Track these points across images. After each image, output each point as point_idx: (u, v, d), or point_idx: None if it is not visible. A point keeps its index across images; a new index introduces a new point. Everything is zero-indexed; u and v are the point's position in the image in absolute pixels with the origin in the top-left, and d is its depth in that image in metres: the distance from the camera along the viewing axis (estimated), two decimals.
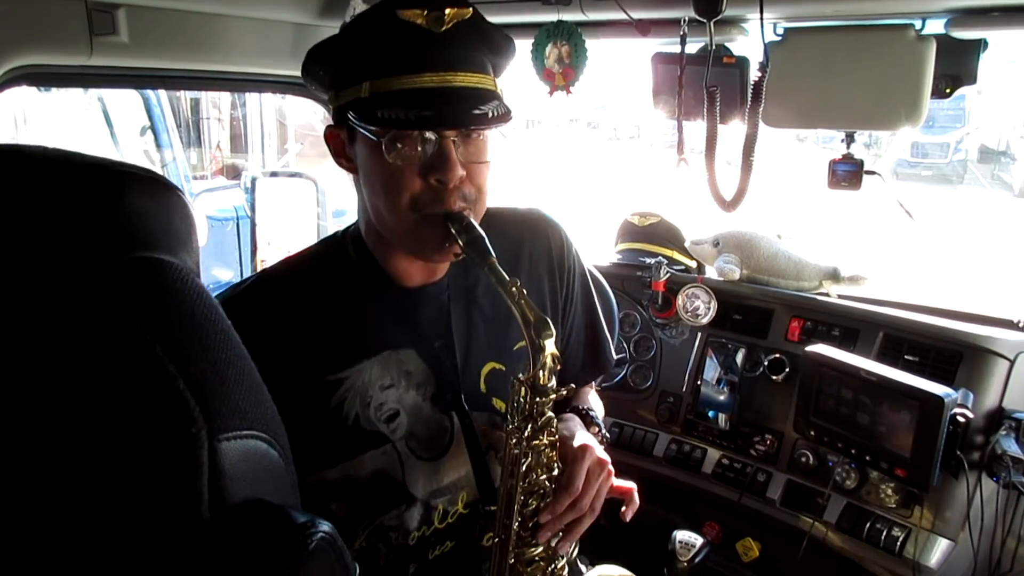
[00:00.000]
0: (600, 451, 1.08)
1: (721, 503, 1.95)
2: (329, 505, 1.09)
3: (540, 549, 1.05)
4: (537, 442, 1.01)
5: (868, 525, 1.67)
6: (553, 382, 1.00)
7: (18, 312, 0.49)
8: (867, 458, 1.61)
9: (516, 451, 1.00)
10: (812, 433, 1.71)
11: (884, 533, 1.65)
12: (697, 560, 1.64)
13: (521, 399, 1.00)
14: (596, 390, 1.42)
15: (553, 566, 1.09)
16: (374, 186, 1.02)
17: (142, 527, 0.48)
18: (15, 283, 0.50)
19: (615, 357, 1.39)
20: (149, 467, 0.48)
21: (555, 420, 1.03)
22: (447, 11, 0.95)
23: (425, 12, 0.95)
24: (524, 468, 1.00)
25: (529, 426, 1.00)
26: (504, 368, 1.15)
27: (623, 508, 1.13)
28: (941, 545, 1.61)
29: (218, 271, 4.36)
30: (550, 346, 0.97)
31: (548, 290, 1.23)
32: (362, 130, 0.98)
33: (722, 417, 1.99)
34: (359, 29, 1.00)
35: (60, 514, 0.48)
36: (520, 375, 1.01)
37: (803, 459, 1.81)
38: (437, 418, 1.11)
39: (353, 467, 1.07)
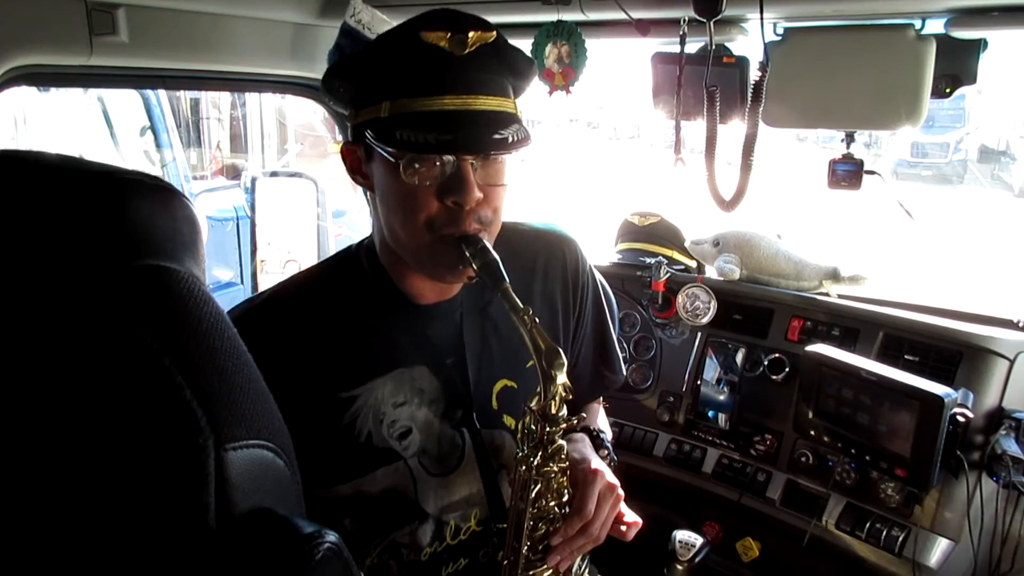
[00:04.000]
0: (610, 476, 1.08)
1: (721, 503, 1.95)
2: (342, 520, 1.09)
3: (549, 572, 1.05)
4: (547, 469, 1.01)
5: (868, 525, 1.67)
6: (564, 411, 1.00)
7: (25, 320, 0.49)
8: (867, 458, 1.61)
9: (525, 477, 1.00)
10: (812, 433, 1.71)
11: (884, 533, 1.65)
12: (697, 560, 1.64)
13: (532, 426, 1.01)
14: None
15: None
16: (390, 205, 1.01)
17: (149, 536, 0.48)
18: (21, 290, 0.50)
19: (624, 371, 1.40)
20: (156, 476, 0.48)
21: (565, 448, 1.03)
22: (471, 34, 0.95)
23: (449, 35, 0.94)
24: (533, 494, 1.00)
25: (539, 454, 1.00)
26: (516, 386, 1.15)
27: (624, 528, 1.12)
28: (941, 545, 1.61)
29: (218, 271, 4.37)
30: (561, 376, 0.97)
31: (561, 306, 1.23)
32: (380, 150, 0.98)
33: (722, 417, 1.99)
34: (382, 48, 0.99)
35: (66, 522, 0.48)
36: (531, 403, 1.01)
37: (803, 459, 1.81)
38: (449, 435, 1.10)
39: (365, 483, 1.07)
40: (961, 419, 1.51)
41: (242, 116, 6.23)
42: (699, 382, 2.05)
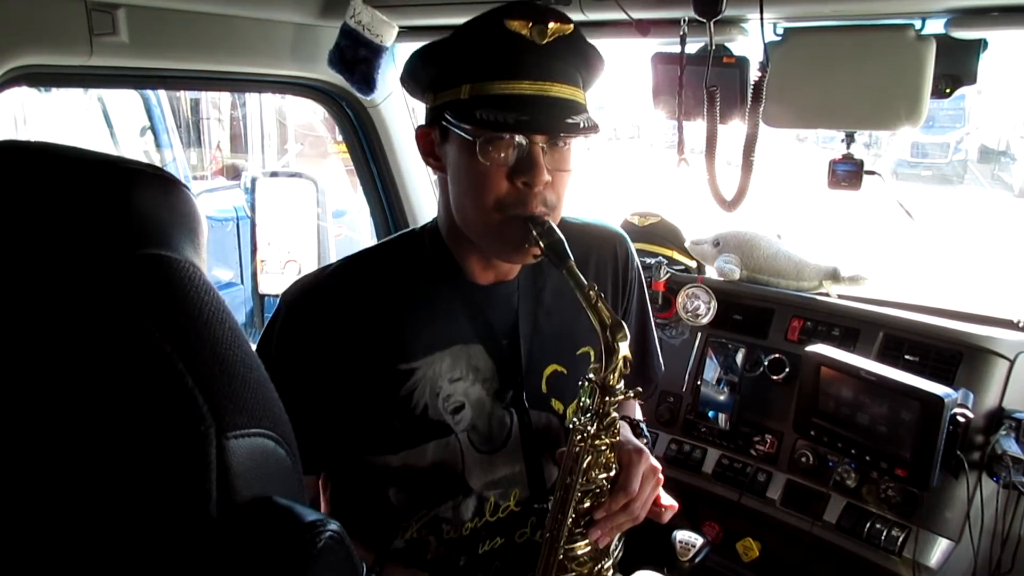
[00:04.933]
0: (652, 459, 1.11)
1: (721, 503, 1.95)
2: (387, 491, 1.13)
3: (588, 548, 1.07)
4: (599, 442, 1.04)
5: (868, 525, 1.67)
6: (622, 384, 1.03)
7: (26, 308, 0.49)
8: (867, 458, 1.61)
9: (578, 449, 1.03)
10: (812, 433, 1.71)
11: (884, 533, 1.65)
12: (697, 560, 1.63)
13: (588, 398, 1.04)
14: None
15: (600, 565, 1.10)
16: (462, 184, 1.06)
17: (150, 524, 0.48)
18: (23, 279, 0.50)
19: (663, 369, 1.44)
20: (157, 465, 0.48)
21: (618, 422, 1.06)
22: (551, 25, 1.00)
23: (531, 24, 0.99)
24: (585, 465, 1.03)
25: (595, 424, 1.03)
26: (566, 371, 1.19)
27: (661, 510, 1.15)
28: (941, 545, 1.61)
29: (218, 271, 4.37)
30: (624, 348, 1.00)
31: (610, 300, 1.26)
32: (457, 130, 1.02)
33: (722, 417, 1.99)
34: (466, 34, 1.04)
35: (67, 511, 0.48)
36: (591, 375, 1.04)
37: (803, 459, 1.81)
38: (499, 413, 1.15)
39: (415, 456, 1.11)
40: (961, 419, 1.51)
41: (242, 116, 6.23)
42: (699, 382, 2.05)
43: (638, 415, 1.39)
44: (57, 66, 1.44)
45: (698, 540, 1.65)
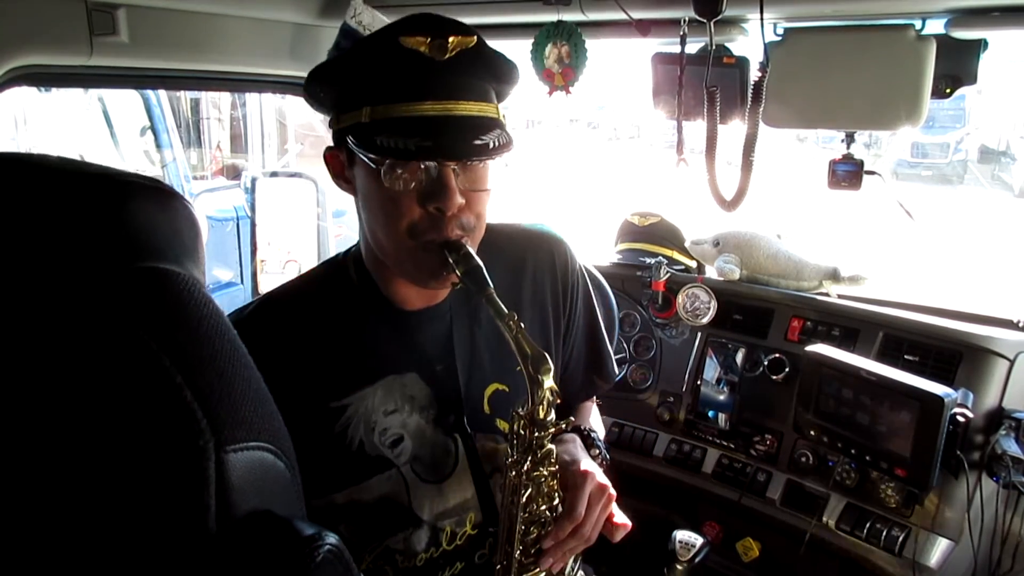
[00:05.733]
0: (601, 476, 1.08)
1: (721, 503, 1.95)
2: (338, 527, 1.07)
3: (543, 575, 1.05)
4: (537, 474, 1.01)
5: (868, 525, 1.67)
6: (552, 415, 0.99)
7: (25, 322, 0.49)
8: (867, 458, 1.61)
9: (516, 482, 1.00)
10: (812, 433, 1.71)
11: (884, 533, 1.65)
12: (697, 560, 1.64)
13: (521, 431, 1.00)
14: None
15: None
16: (372, 211, 1.01)
17: (149, 538, 0.48)
18: (21, 293, 0.50)
19: (616, 372, 1.39)
20: (156, 479, 0.47)
21: (555, 452, 1.03)
22: (450, 39, 0.94)
23: (428, 40, 0.94)
24: (524, 499, 1.00)
25: (529, 459, 0.99)
26: (508, 389, 1.15)
27: (613, 528, 1.11)
28: (941, 545, 1.61)
29: (218, 271, 4.37)
30: (548, 381, 0.96)
31: (551, 307, 1.23)
32: (361, 156, 0.97)
33: (722, 417, 1.99)
34: (362, 53, 0.98)
35: (66, 524, 0.48)
36: (519, 408, 1.00)
37: (803, 459, 1.81)
38: (441, 441, 1.10)
39: (360, 492, 1.07)
40: (961, 419, 1.51)
41: (242, 116, 6.23)
42: (699, 382, 2.05)
43: (595, 422, 1.34)
44: (57, 66, 1.44)
45: (698, 540, 1.65)
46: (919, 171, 9.74)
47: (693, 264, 2.27)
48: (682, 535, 1.66)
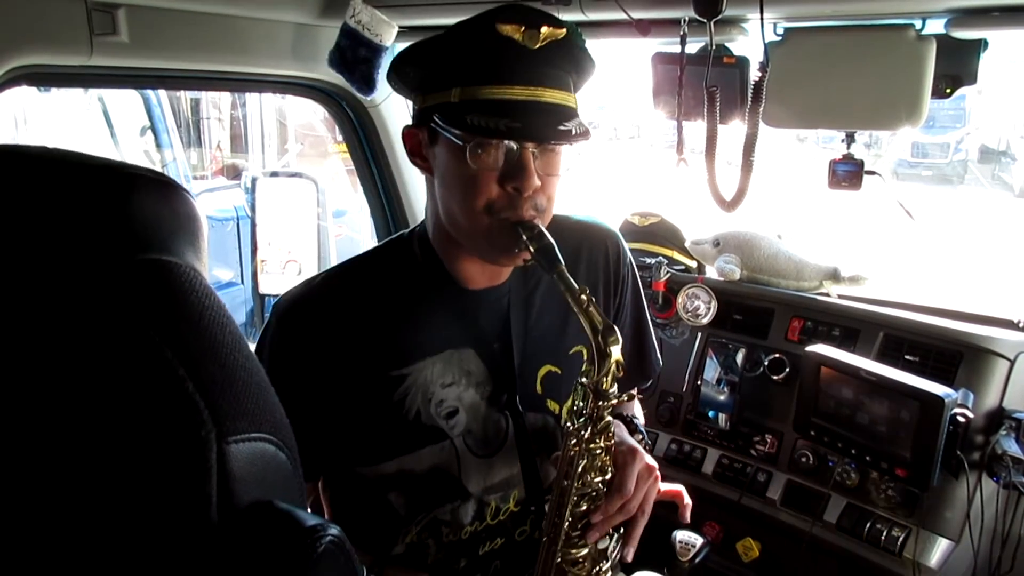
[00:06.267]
0: (648, 458, 1.12)
1: (721, 503, 1.95)
2: (387, 495, 1.13)
3: (586, 551, 1.07)
4: (594, 445, 1.03)
5: (868, 525, 1.67)
6: (615, 388, 1.02)
7: (26, 314, 0.49)
8: (867, 458, 1.61)
9: (573, 452, 1.03)
10: (812, 433, 1.71)
11: (884, 533, 1.65)
12: (697, 560, 1.63)
13: (581, 402, 1.03)
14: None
15: (598, 568, 1.10)
16: (451, 188, 1.05)
17: (150, 529, 0.48)
18: (23, 284, 0.50)
19: (659, 367, 1.43)
20: (158, 469, 0.48)
21: (612, 426, 1.06)
22: (543, 30, 0.99)
23: (523, 28, 0.98)
24: (580, 469, 1.03)
25: (589, 429, 1.02)
26: (560, 371, 1.18)
27: (678, 510, 1.19)
28: (941, 545, 1.61)
29: (218, 271, 4.37)
30: (616, 352, 1.00)
31: (602, 298, 1.26)
32: (447, 134, 1.01)
33: (722, 417, 1.99)
34: (456, 36, 1.02)
35: (67, 516, 0.48)
36: (583, 379, 1.03)
37: (803, 459, 1.81)
38: (494, 417, 1.14)
39: (411, 461, 1.11)
40: (961, 419, 1.51)
41: (242, 116, 6.23)
42: (699, 382, 2.05)
43: (637, 412, 1.38)
44: (57, 66, 1.44)
45: (698, 540, 1.65)
46: (919, 171, 9.74)
47: (693, 264, 2.27)
48: (682, 535, 1.66)
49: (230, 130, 6.44)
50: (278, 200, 3.43)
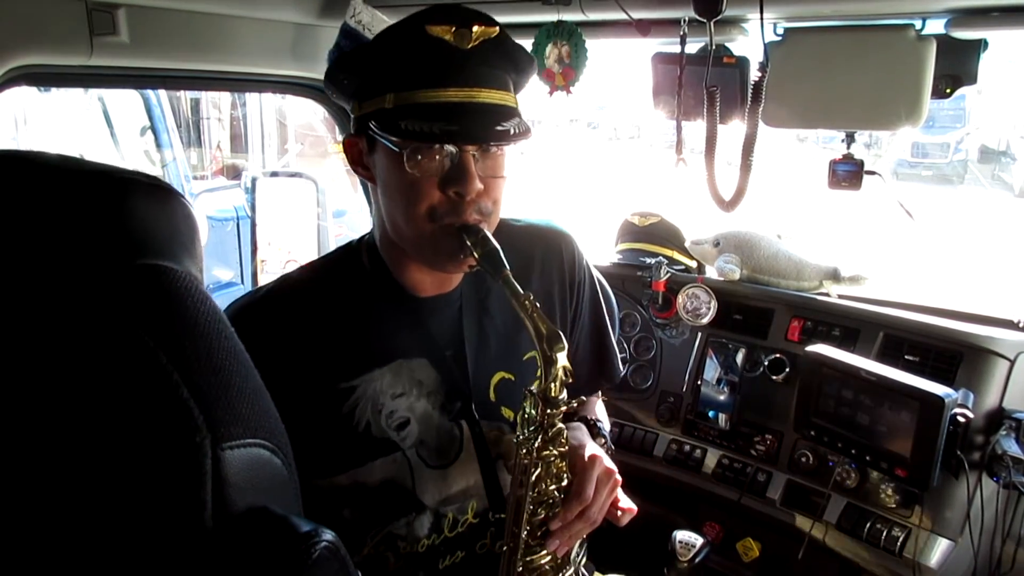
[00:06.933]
0: (608, 461, 1.10)
1: (721, 503, 1.95)
2: (341, 511, 1.10)
3: (548, 557, 1.06)
4: (547, 453, 1.02)
5: (868, 525, 1.67)
6: (564, 394, 1.01)
7: (23, 319, 0.49)
8: (867, 458, 1.61)
9: (526, 461, 1.01)
10: (812, 433, 1.71)
11: (884, 533, 1.65)
12: (697, 560, 1.64)
13: (532, 410, 1.02)
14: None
15: (562, 573, 1.09)
16: (392, 196, 1.03)
17: (145, 535, 0.48)
18: (19, 289, 0.50)
19: (621, 370, 1.40)
20: (153, 475, 0.48)
21: (565, 431, 1.04)
22: (474, 29, 0.97)
23: (453, 29, 0.96)
24: (533, 478, 1.01)
25: (539, 437, 1.01)
26: (514, 378, 1.16)
27: (619, 513, 1.13)
28: (941, 545, 1.61)
29: (218, 271, 4.37)
30: (562, 359, 0.98)
31: (558, 302, 1.24)
32: (383, 140, 1.00)
33: (722, 417, 1.99)
34: (387, 41, 1.01)
35: (62, 521, 0.48)
36: (531, 387, 1.02)
37: (803, 459, 1.81)
38: (447, 427, 1.12)
39: (363, 474, 1.08)
40: (961, 419, 1.51)
41: (242, 116, 6.23)
42: (699, 382, 2.05)
43: (600, 413, 1.36)
44: (57, 66, 1.44)
45: (698, 540, 1.65)
46: (919, 171, 9.74)
47: (693, 264, 2.27)
48: (682, 535, 1.66)
49: (230, 130, 6.44)
50: (278, 200, 3.43)
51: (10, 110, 4.19)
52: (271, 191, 3.53)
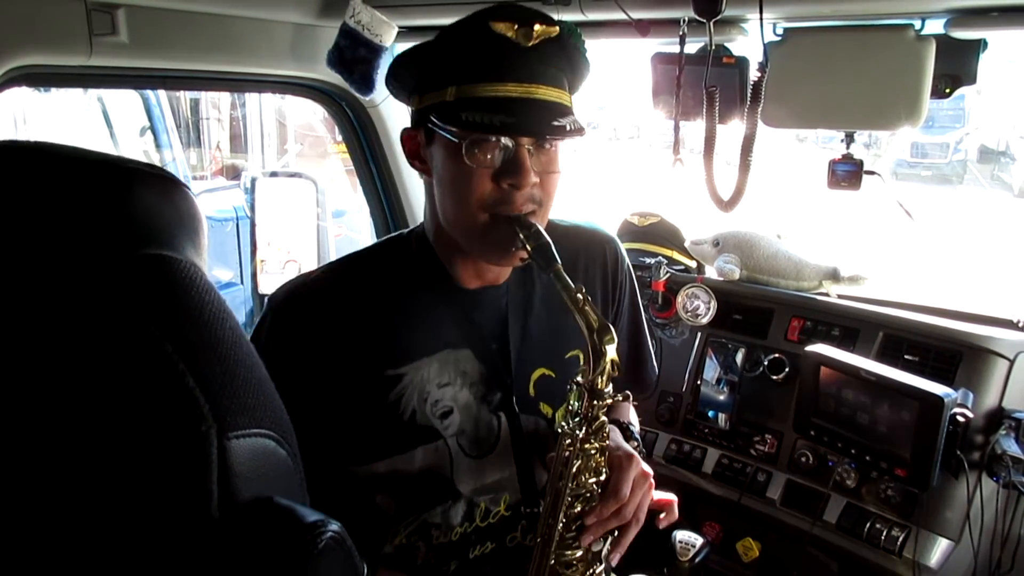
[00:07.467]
0: (643, 464, 1.11)
1: (721, 503, 1.95)
2: (374, 498, 1.12)
3: (580, 553, 1.07)
4: (589, 446, 1.03)
5: (868, 525, 1.67)
6: (610, 388, 1.02)
7: (27, 308, 0.49)
8: (867, 458, 1.61)
9: (568, 452, 1.03)
10: (812, 433, 1.71)
11: (884, 533, 1.65)
12: (697, 560, 1.63)
13: (576, 402, 1.03)
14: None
15: (592, 570, 1.10)
16: (448, 186, 1.05)
17: (151, 525, 0.48)
18: (24, 279, 0.50)
19: (656, 376, 1.43)
20: (159, 465, 0.48)
21: (607, 426, 1.06)
22: (536, 27, 1.00)
23: (516, 26, 0.99)
24: (574, 470, 1.02)
25: (584, 429, 1.02)
26: (554, 375, 1.18)
27: (660, 515, 1.17)
28: (941, 545, 1.61)
29: (218, 271, 4.36)
30: (611, 352, 0.99)
31: (600, 304, 1.26)
32: (443, 132, 1.02)
33: (722, 417, 1.99)
34: (451, 36, 1.03)
35: (68, 512, 0.48)
36: (579, 378, 1.03)
37: (803, 459, 1.81)
38: (487, 418, 1.14)
39: (404, 461, 1.10)
40: (961, 419, 1.51)
41: (242, 116, 6.23)
42: (699, 382, 2.05)
43: (632, 418, 1.38)
44: (57, 66, 1.44)
45: (698, 540, 1.65)
46: (919, 171, 9.73)
47: (693, 264, 2.27)
48: (682, 535, 1.66)
49: (230, 130, 6.44)
50: (278, 200, 3.43)
51: (10, 110, 4.19)
52: (271, 191, 3.53)
